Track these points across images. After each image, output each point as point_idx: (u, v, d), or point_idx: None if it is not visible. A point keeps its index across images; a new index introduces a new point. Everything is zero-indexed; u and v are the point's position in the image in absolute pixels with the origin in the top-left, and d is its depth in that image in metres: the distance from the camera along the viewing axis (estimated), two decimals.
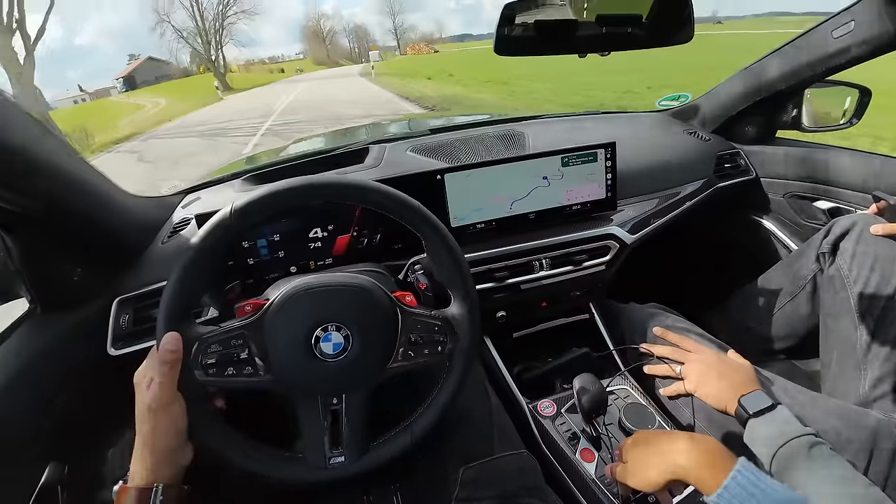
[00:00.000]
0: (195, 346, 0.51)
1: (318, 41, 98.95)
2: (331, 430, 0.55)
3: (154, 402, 0.48)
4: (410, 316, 0.57)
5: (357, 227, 0.84)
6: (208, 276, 0.53)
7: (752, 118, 1.26)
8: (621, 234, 1.00)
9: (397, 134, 1.29)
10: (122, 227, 0.77)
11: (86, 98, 48.44)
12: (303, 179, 0.54)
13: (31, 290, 0.69)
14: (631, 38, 0.73)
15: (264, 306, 0.53)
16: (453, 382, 0.59)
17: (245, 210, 0.52)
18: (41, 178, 0.56)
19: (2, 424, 0.57)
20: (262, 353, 0.52)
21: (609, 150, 0.98)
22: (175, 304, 0.51)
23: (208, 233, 0.51)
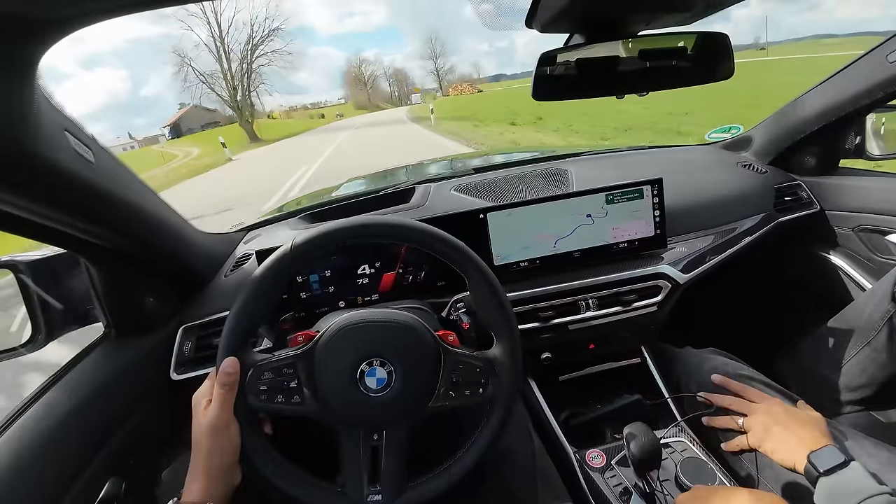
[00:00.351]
0: (250, 372, 0.54)
1: (359, 85, 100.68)
2: (370, 466, 0.55)
3: (212, 423, 0.50)
4: (453, 355, 0.58)
5: (402, 265, 0.87)
6: (267, 306, 0.56)
7: (812, 148, 1.19)
8: (673, 273, 0.96)
9: (441, 173, 1.33)
10: (192, 261, 0.84)
11: (134, 146, 51.67)
12: (352, 220, 0.57)
13: (107, 316, 0.76)
14: (668, 77, 0.72)
15: (314, 338, 0.56)
16: (493, 427, 0.58)
17: (302, 247, 0.56)
18: (131, 217, 0.63)
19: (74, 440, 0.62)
20: (310, 382, 0.54)
21: (656, 187, 0.96)
22: (236, 331, 0.54)
23: (269, 267, 0.55)
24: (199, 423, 0.52)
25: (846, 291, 1.14)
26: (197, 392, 0.55)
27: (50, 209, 0.50)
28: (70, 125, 0.47)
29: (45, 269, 0.73)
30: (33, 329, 0.72)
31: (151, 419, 0.76)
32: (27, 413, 0.61)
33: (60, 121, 0.45)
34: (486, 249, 0.91)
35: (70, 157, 0.46)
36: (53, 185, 0.47)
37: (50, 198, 0.48)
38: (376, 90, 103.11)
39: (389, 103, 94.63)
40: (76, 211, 0.53)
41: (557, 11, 0.57)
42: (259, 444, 0.54)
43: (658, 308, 0.95)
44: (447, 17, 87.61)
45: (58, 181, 0.46)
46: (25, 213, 0.48)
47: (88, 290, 0.77)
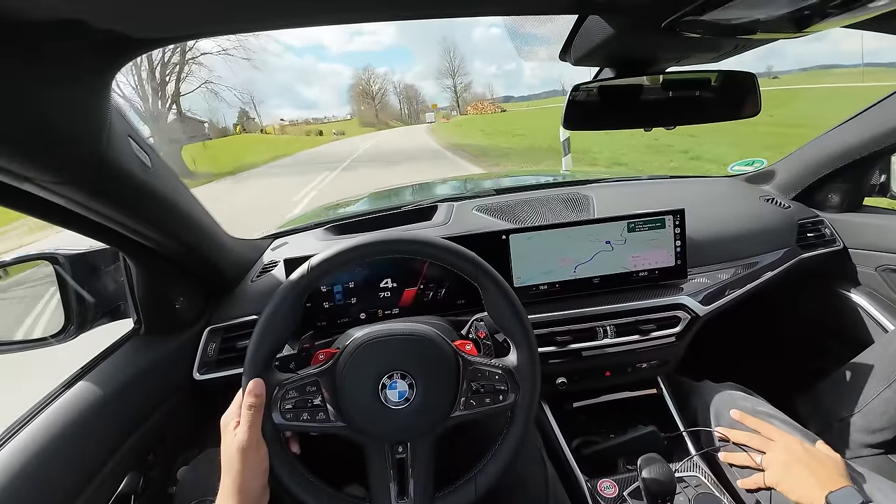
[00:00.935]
0: (275, 392, 0.55)
1: (366, 100, 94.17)
2: (398, 480, 0.56)
3: (242, 445, 0.51)
4: (471, 364, 0.58)
5: (424, 281, 0.88)
6: (288, 326, 0.58)
7: (836, 185, 1.19)
8: (693, 304, 0.95)
9: (464, 193, 1.35)
10: (223, 265, 0.87)
11: None
12: (364, 239, 0.59)
13: (139, 313, 0.79)
14: (697, 112, 0.74)
15: (335, 355, 0.57)
16: (516, 434, 0.59)
17: (319, 268, 0.57)
18: (176, 220, 0.67)
19: (98, 433, 0.64)
20: (333, 399, 0.55)
21: (678, 217, 0.96)
22: (259, 352, 0.55)
23: (289, 289, 0.57)
24: (228, 445, 0.52)
25: (867, 331, 1.12)
26: (225, 414, 0.56)
27: (108, 208, 0.53)
28: (132, 132, 0.51)
29: (82, 264, 0.76)
30: (66, 321, 0.75)
31: (172, 417, 0.78)
32: (55, 403, 0.63)
33: (125, 127, 0.49)
34: (507, 271, 0.92)
35: (131, 161, 0.50)
36: (116, 186, 0.50)
37: (110, 198, 0.51)
38: (385, 107, 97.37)
39: (399, 121, 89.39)
40: (131, 210, 0.57)
41: (592, 47, 0.59)
42: (287, 462, 0.55)
43: (677, 339, 0.94)
44: (457, 38, 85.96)
45: (120, 182, 0.50)
46: (84, 210, 0.51)
47: (122, 286, 0.80)
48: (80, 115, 0.39)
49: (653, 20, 0.48)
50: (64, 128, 0.38)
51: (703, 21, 0.49)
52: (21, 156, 0.37)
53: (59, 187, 0.44)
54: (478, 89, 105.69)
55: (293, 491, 0.54)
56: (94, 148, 0.43)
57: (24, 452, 0.55)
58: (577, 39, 0.58)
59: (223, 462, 0.52)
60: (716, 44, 0.62)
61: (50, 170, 0.41)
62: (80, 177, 0.44)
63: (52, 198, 0.46)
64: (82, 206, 0.50)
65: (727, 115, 0.72)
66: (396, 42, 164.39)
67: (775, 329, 1.34)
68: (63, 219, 0.53)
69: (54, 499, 0.55)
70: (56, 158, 0.40)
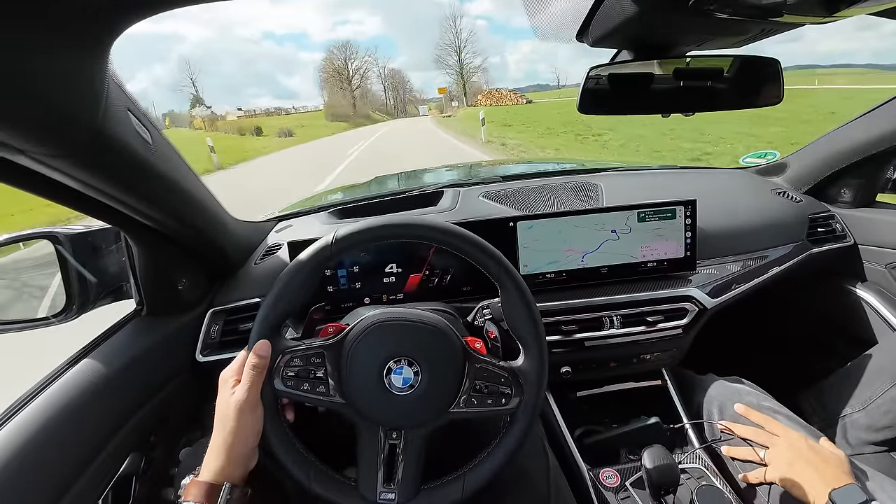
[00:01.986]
0: (279, 358, 0.54)
1: (341, 84, 67.04)
2: (386, 465, 0.55)
3: (239, 403, 0.51)
4: (478, 363, 0.57)
5: (429, 267, 0.87)
6: (303, 294, 0.57)
7: (849, 180, 1.17)
8: (701, 296, 0.94)
9: (470, 179, 1.33)
10: (226, 247, 0.86)
11: None
12: (396, 218, 0.58)
13: (141, 294, 0.78)
14: (716, 99, 0.72)
15: (344, 331, 0.57)
16: (512, 439, 0.58)
17: (345, 240, 0.56)
18: (178, 199, 0.65)
19: (100, 413, 0.63)
20: (336, 374, 0.55)
21: (689, 208, 0.95)
22: (270, 315, 0.55)
23: (310, 257, 0.56)
24: (225, 401, 0.52)
25: (874, 329, 1.11)
26: (225, 370, 0.55)
27: (107, 185, 0.51)
28: (132, 106, 0.49)
29: (84, 243, 0.74)
30: (67, 301, 0.74)
31: (175, 399, 0.77)
32: (57, 383, 0.63)
33: (124, 101, 0.47)
34: (514, 258, 0.91)
35: (131, 137, 0.48)
36: (114, 162, 0.48)
37: (109, 174, 0.50)
38: (365, 95, 70.94)
39: (385, 114, 69.31)
40: (131, 188, 0.55)
41: (610, 28, 0.57)
42: (279, 429, 0.55)
43: (683, 331, 0.94)
44: (444, 29, 72.22)
45: (119, 158, 0.48)
46: (82, 186, 0.49)
47: (124, 267, 0.79)
48: (76, 84, 0.37)
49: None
50: (59, 97, 0.36)
51: (731, 0, 0.47)
52: (13, 126, 0.35)
53: (55, 161, 0.42)
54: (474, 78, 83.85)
55: (281, 458, 0.54)
56: (90, 120, 0.41)
57: (25, 432, 0.55)
58: (596, 18, 0.56)
59: (217, 416, 0.52)
60: (741, 27, 0.59)
61: (44, 142, 0.39)
62: (76, 150, 0.42)
63: (50, 173, 0.44)
64: (81, 183, 0.48)
65: (747, 103, 0.70)
66: (381, 31, 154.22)
67: (781, 324, 1.33)
68: (63, 196, 0.52)
69: (56, 478, 0.55)
70: (50, 130, 0.38)
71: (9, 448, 0.52)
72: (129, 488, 0.68)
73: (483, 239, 0.59)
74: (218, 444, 0.51)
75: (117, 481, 0.65)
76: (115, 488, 0.64)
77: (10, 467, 0.51)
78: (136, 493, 0.68)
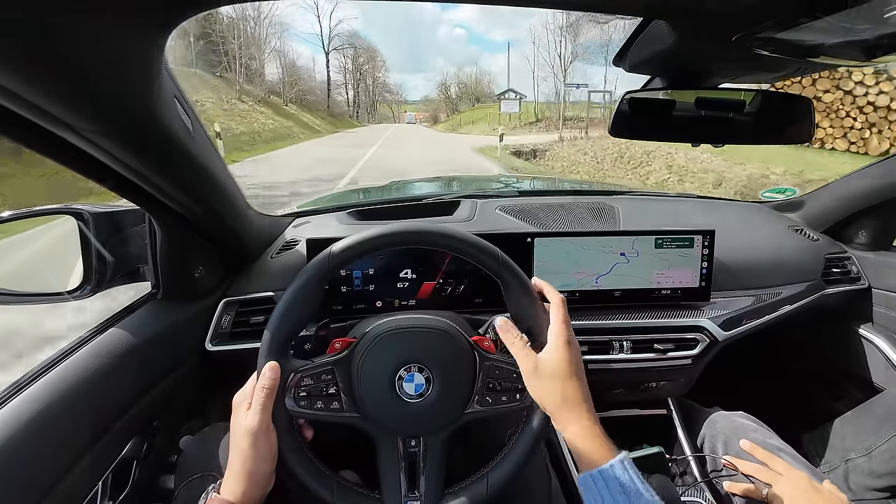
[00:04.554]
0: (290, 378, 0.54)
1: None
2: (408, 473, 0.55)
3: (252, 427, 0.50)
4: (488, 360, 0.58)
5: (443, 276, 0.87)
6: (307, 311, 0.57)
7: (867, 222, 1.17)
8: (713, 328, 0.93)
9: (487, 191, 1.34)
10: (245, 238, 0.86)
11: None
12: (387, 229, 0.58)
13: (158, 277, 0.78)
14: (746, 132, 0.72)
15: (352, 344, 0.57)
16: (531, 432, 0.58)
17: (340, 255, 0.57)
18: (209, 187, 0.66)
19: (107, 394, 0.63)
20: (348, 389, 0.55)
21: (707, 238, 0.95)
22: (276, 336, 0.55)
23: (309, 274, 0.56)
24: (239, 425, 0.52)
25: (883, 375, 1.10)
26: (238, 393, 0.55)
27: (144, 166, 0.52)
28: (178, 93, 0.50)
29: (107, 223, 0.75)
30: (84, 278, 0.75)
31: (180, 385, 0.77)
32: (68, 360, 0.62)
33: (171, 88, 0.48)
34: (529, 274, 0.90)
35: (175, 123, 0.49)
36: (156, 145, 0.49)
37: (149, 156, 0.51)
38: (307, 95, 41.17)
39: (329, 116, 43.85)
40: (167, 172, 0.56)
41: (651, 54, 0.57)
42: (297, 449, 0.54)
43: (693, 362, 0.93)
44: (423, 35, 67.88)
45: (161, 142, 0.49)
46: (120, 166, 0.50)
47: (143, 249, 0.79)
48: (135, 66, 0.38)
49: (724, 32, 0.46)
50: (115, 77, 0.37)
51: (775, 39, 0.47)
52: (70, 103, 0.36)
53: (101, 139, 0.43)
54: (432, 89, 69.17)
55: (301, 478, 0.54)
56: (142, 103, 0.42)
57: (34, 407, 0.54)
58: (636, 44, 0.56)
59: (232, 441, 0.52)
60: (778, 64, 0.60)
61: (96, 121, 0.40)
62: (122, 130, 0.43)
63: (90, 149, 0.45)
64: (119, 163, 0.49)
65: (777, 139, 0.70)
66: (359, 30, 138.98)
67: (790, 362, 1.32)
68: (98, 173, 0.53)
69: (58, 457, 0.55)
70: (104, 110, 0.39)
71: (17, 422, 0.52)
72: (129, 472, 0.67)
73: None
74: (236, 468, 0.50)
75: (118, 464, 0.65)
76: (116, 471, 0.64)
77: (15, 441, 0.51)
78: (136, 478, 0.68)
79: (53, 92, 0.35)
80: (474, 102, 56.20)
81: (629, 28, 0.56)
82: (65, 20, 0.30)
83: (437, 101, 58.85)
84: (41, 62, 0.32)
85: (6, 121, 0.38)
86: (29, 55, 0.31)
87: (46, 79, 0.33)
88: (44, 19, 0.29)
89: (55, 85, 0.34)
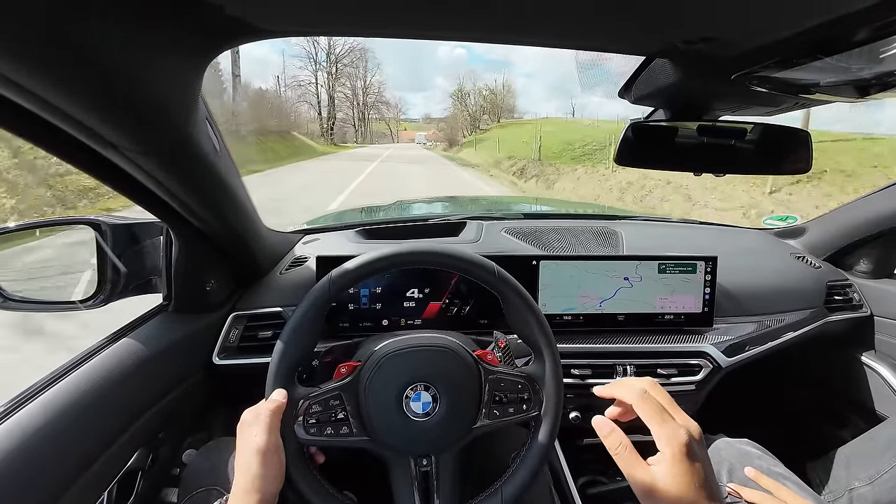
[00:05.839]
0: (299, 405, 0.55)
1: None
2: (422, 492, 0.55)
3: (259, 448, 0.50)
4: (493, 374, 0.58)
5: (449, 296, 0.88)
6: (311, 338, 0.58)
7: (869, 250, 1.18)
8: (716, 354, 0.94)
9: (492, 213, 1.36)
10: (258, 253, 0.88)
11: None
12: (391, 249, 0.59)
13: (171, 289, 0.79)
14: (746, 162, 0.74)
15: (357, 368, 0.57)
16: (541, 443, 0.58)
17: (339, 281, 0.58)
18: (229, 203, 0.68)
19: (116, 405, 0.64)
20: (356, 413, 0.55)
21: (710, 264, 0.96)
22: (282, 365, 0.55)
23: (311, 302, 0.57)
24: (246, 447, 0.52)
25: (886, 403, 1.09)
26: (246, 412, 0.55)
27: (174, 182, 0.54)
28: (208, 116, 0.52)
29: (124, 235, 0.77)
30: (98, 288, 0.76)
31: (186, 398, 0.78)
32: (80, 369, 0.63)
33: (204, 111, 0.50)
34: (534, 297, 0.92)
35: (206, 144, 0.52)
36: (188, 164, 0.52)
37: (180, 174, 0.53)
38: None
39: (331, 146, 34.91)
40: (194, 189, 0.58)
41: (654, 89, 0.60)
42: (308, 476, 0.54)
43: (696, 388, 0.93)
44: (423, 53, 67.86)
45: (192, 161, 0.52)
46: (150, 181, 0.53)
47: (156, 261, 0.81)
48: (177, 91, 0.40)
49: (723, 71, 0.49)
50: (159, 101, 0.40)
51: (773, 78, 0.50)
52: (117, 124, 0.38)
53: (139, 158, 0.45)
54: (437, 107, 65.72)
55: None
56: (181, 126, 0.44)
57: (43, 417, 0.55)
58: (640, 80, 0.59)
59: (239, 460, 0.52)
60: (776, 99, 0.62)
61: (140, 141, 0.42)
62: (161, 150, 0.46)
63: (127, 166, 0.47)
64: (152, 179, 0.51)
65: (775, 169, 0.72)
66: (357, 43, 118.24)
67: (792, 389, 1.31)
68: (127, 187, 0.55)
69: (66, 466, 0.55)
70: (147, 131, 0.42)
71: (25, 431, 0.53)
72: (134, 484, 0.67)
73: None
74: (243, 486, 0.50)
75: (123, 476, 0.65)
76: (121, 483, 0.64)
77: (22, 450, 0.51)
78: (140, 490, 0.68)
79: (105, 113, 0.38)
80: (497, 119, 45.79)
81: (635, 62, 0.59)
82: (122, 49, 0.33)
83: (449, 118, 46.75)
84: (95, 85, 0.34)
85: (56, 138, 0.40)
86: (86, 79, 0.33)
87: (98, 101, 0.36)
88: (102, 46, 0.31)
89: (105, 107, 0.37)
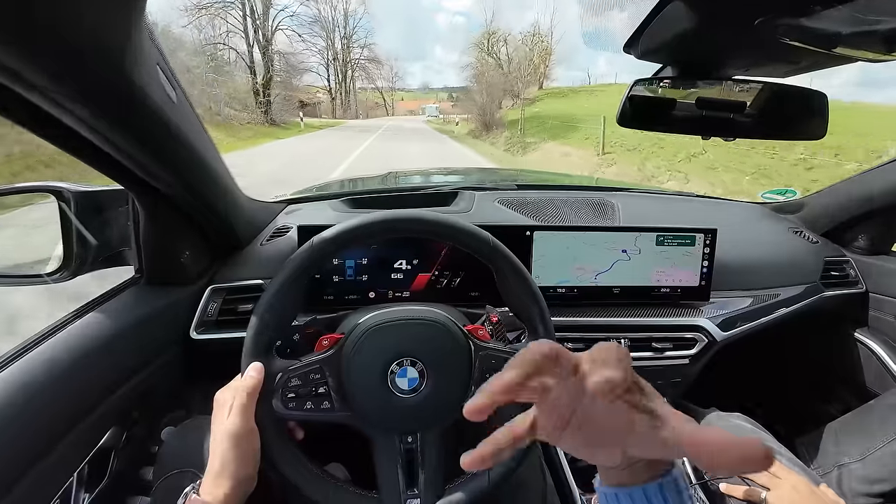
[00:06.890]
0: (277, 379, 0.52)
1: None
2: (406, 471, 0.53)
3: (232, 431, 0.48)
4: (484, 350, 0.56)
5: (439, 268, 0.85)
6: (291, 306, 0.55)
7: (867, 226, 1.16)
8: (711, 328, 0.92)
9: (485, 183, 1.31)
10: (234, 222, 0.83)
11: None
12: (371, 217, 0.56)
13: (142, 261, 0.75)
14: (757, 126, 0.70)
15: (340, 340, 0.54)
16: None
17: (321, 246, 0.54)
18: (193, 165, 0.62)
19: (86, 380, 0.61)
20: (339, 387, 0.52)
21: (709, 237, 0.93)
22: (261, 334, 0.52)
23: (290, 270, 0.53)
24: (221, 425, 0.50)
25: (878, 379, 1.10)
26: (220, 391, 0.53)
27: (122, 138, 0.48)
28: (161, 61, 0.46)
29: (89, 203, 0.72)
30: (64, 259, 0.71)
31: (162, 374, 0.74)
32: (44, 344, 0.59)
33: (155, 55, 0.44)
34: (528, 268, 0.89)
35: (158, 93, 0.45)
36: (135, 116, 0.46)
37: (127, 127, 0.47)
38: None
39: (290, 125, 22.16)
40: (147, 146, 0.52)
41: (663, 41, 0.55)
42: (286, 452, 0.52)
43: (690, 362, 0.92)
44: (421, 22, 66.67)
45: (142, 113, 0.46)
46: (97, 137, 0.47)
47: (127, 232, 0.76)
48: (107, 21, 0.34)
49: (746, 16, 0.44)
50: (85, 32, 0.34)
51: (798, 25, 0.45)
52: (30, 55, 0.32)
53: (72, 104, 0.39)
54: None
55: (295, 481, 0.51)
56: (116, 65, 0.38)
57: (6, 391, 0.51)
58: (649, 29, 0.54)
59: (213, 443, 0.49)
60: (794, 56, 0.58)
61: (62, 80, 0.36)
62: (94, 95, 0.40)
63: (64, 117, 0.41)
64: (97, 134, 0.45)
65: (789, 134, 0.68)
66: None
67: (786, 364, 1.31)
68: (74, 147, 0.49)
69: (30, 445, 0.52)
70: (71, 68, 0.35)
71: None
72: (107, 463, 0.65)
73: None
74: (217, 470, 0.48)
75: (95, 455, 0.62)
76: (93, 462, 0.61)
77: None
78: (113, 469, 0.65)
79: (9, 40, 0.31)
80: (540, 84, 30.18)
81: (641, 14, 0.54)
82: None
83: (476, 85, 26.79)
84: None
85: None
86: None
87: (5, 24, 0.29)
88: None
89: (9, 31, 0.30)
